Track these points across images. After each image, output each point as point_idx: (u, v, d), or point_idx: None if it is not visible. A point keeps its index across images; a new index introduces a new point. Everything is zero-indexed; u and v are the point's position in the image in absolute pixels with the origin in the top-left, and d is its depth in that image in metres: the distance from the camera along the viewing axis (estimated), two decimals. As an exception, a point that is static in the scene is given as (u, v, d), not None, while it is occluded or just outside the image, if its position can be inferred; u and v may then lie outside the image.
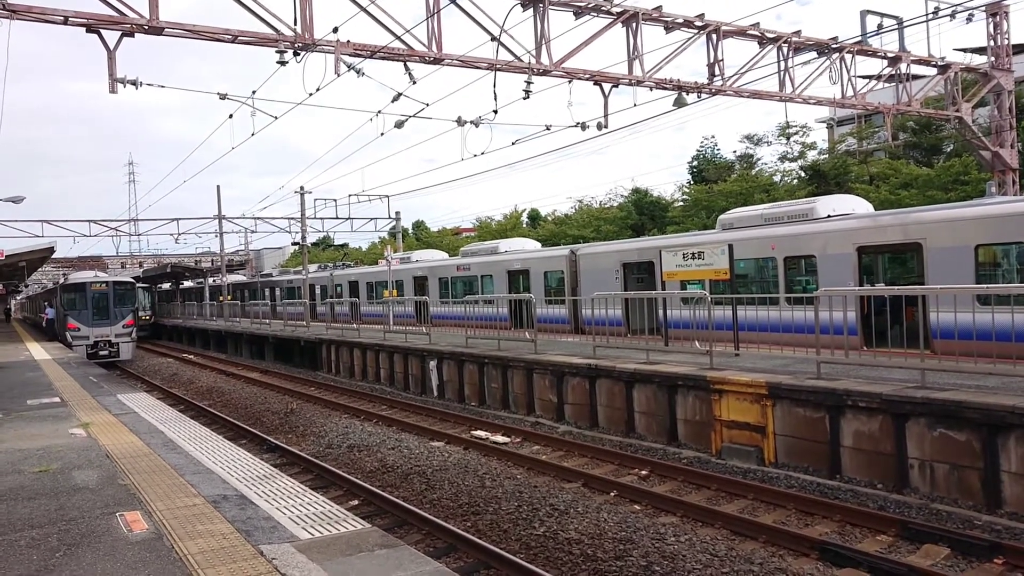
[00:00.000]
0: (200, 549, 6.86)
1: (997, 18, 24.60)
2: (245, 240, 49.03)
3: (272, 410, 21.39)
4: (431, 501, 12.17)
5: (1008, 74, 24.98)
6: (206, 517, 7.90)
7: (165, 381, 30.08)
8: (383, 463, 14.49)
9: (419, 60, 16.98)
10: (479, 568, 9.27)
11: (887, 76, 23.92)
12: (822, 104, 23.31)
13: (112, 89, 14.83)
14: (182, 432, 13.25)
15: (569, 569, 9.11)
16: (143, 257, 62.23)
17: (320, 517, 7.90)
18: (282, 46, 15.40)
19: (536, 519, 10.71)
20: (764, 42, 21.05)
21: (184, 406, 22.59)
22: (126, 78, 15.10)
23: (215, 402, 24.22)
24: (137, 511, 8.14)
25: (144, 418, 14.70)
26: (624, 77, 19.29)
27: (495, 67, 17.74)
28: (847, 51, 22.18)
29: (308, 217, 44.06)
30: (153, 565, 6.52)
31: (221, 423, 19.96)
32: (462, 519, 11.19)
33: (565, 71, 18.56)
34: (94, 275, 39.14)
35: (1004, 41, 24.82)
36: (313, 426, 18.54)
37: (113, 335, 34.90)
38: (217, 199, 46.12)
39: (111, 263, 59.83)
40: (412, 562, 6.58)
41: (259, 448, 16.64)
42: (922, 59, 24.28)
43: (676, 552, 9.10)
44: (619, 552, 9.31)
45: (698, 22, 19.83)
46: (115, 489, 9.16)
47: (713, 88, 20.29)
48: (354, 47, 16.18)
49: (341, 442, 16.45)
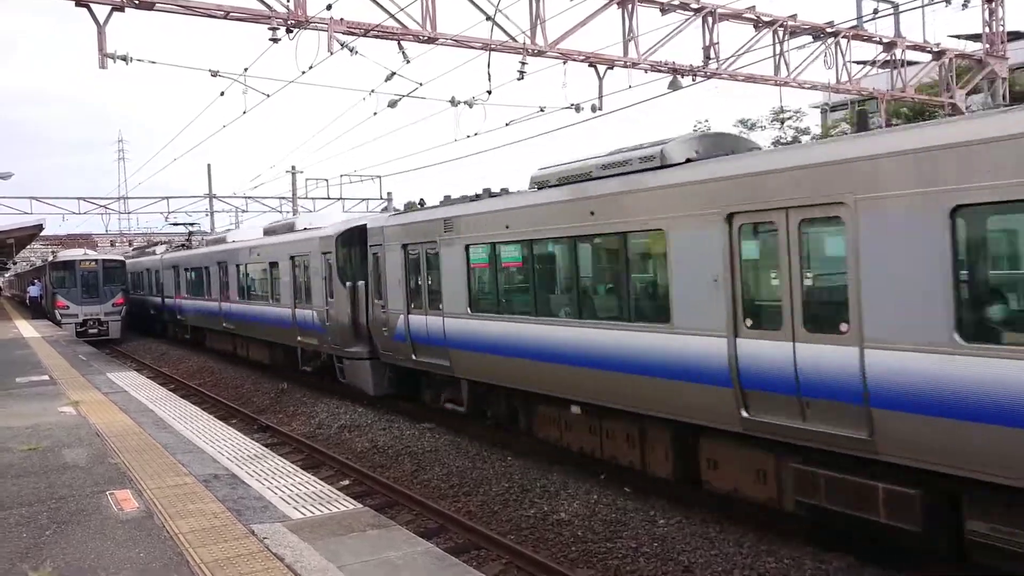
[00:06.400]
0: (191, 528, 6.86)
1: (992, 5, 24.52)
2: (236, 219, 48.73)
3: (263, 390, 21.36)
4: (422, 482, 12.20)
5: (1003, 61, 24.95)
6: (197, 496, 7.89)
7: (155, 360, 29.99)
8: (374, 444, 14.50)
9: (413, 39, 16.81)
10: (469, 549, 9.31)
11: (882, 62, 23.86)
12: (817, 89, 23.22)
13: (102, 64, 14.64)
14: (172, 411, 13.23)
15: (559, 550, 9.16)
16: (133, 235, 61.77)
17: (311, 497, 7.91)
18: (274, 23, 15.22)
19: (527, 500, 10.75)
20: (760, 26, 20.94)
21: (175, 385, 22.53)
22: (116, 53, 14.91)
23: (205, 381, 24.16)
24: (127, 490, 8.13)
25: (134, 397, 14.67)
26: (619, 59, 19.16)
27: (490, 47, 17.59)
28: (842, 36, 22.09)
29: (300, 197, 43.89)
30: (144, 544, 6.52)
31: (212, 402, 19.91)
32: (453, 500, 11.23)
33: (560, 52, 18.42)
34: (83, 253, 38.85)
35: (999, 28, 24.76)
36: (304, 406, 18.53)
37: (103, 313, 34.70)
38: (208, 178, 45.80)
39: (100, 241, 59.36)
40: (403, 542, 6.59)
41: (250, 428, 16.63)
42: (917, 45, 24.21)
43: (665, 534, 9.16)
44: (609, 534, 9.36)
45: (694, 4, 19.70)
46: (105, 467, 9.14)
47: (708, 71, 20.18)
48: (347, 25, 16.01)
49: (332, 422, 16.44)
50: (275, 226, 24.23)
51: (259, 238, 23.94)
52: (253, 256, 23.74)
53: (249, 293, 24.61)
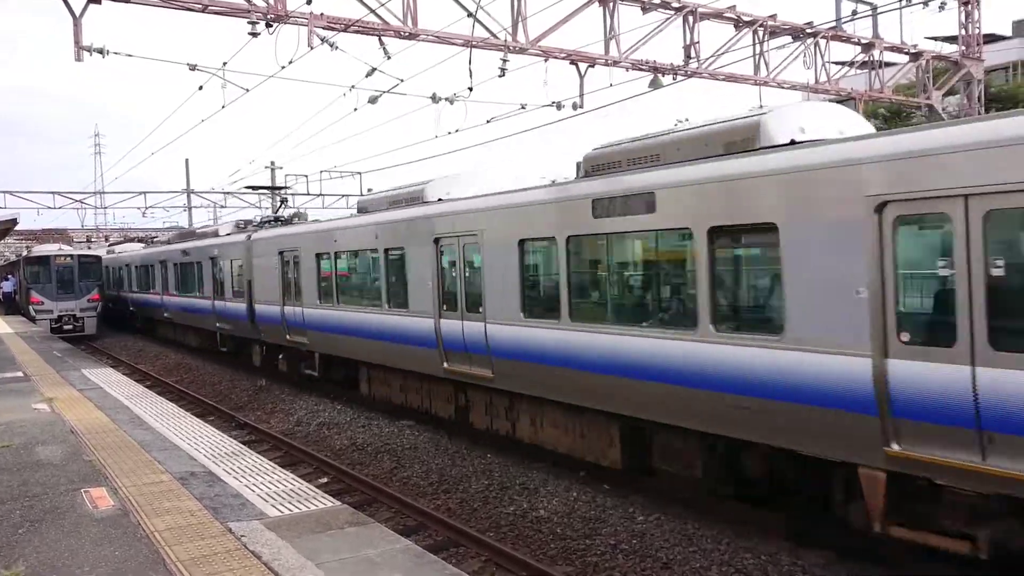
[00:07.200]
0: (167, 526, 6.80)
1: (969, 7, 24.81)
2: (214, 215, 48.31)
3: (241, 387, 21.21)
4: (401, 479, 12.17)
5: (978, 63, 25.26)
6: (173, 494, 7.82)
7: (131, 356, 29.69)
8: (353, 441, 14.45)
9: (394, 35, 16.75)
10: (448, 546, 9.30)
11: (860, 63, 24.09)
12: (796, 89, 23.40)
13: (78, 57, 14.46)
14: (149, 408, 13.11)
15: (538, 547, 9.17)
16: (109, 231, 61.05)
17: (289, 495, 7.87)
18: (254, 17, 15.10)
19: (506, 498, 10.75)
20: (740, 25, 21.06)
21: (151, 382, 22.31)
22: (92, 46, 14.74)
23: (183, 378, 23.95)
24: (103, 487, 8.04)
25: (110, 393, 14.52)
26: (600, 57, 19.20)
27: (471, 44, 17.56)
28: (821, 36, 22.27)
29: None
30: (119, 542, 6.45)
31: (189, 399, 19.75)
32: (432, 498, 11.21)
33: (541, 50, 18.43)
34: (58, 248, 38.35)
35: (975, 30, 25.06)
36: (282, 403, 18.43)
37: (78, 309, 34.29)
38: (186, 173, 45.36)
39: (76, 236, 58.61)
40: (382, 540, 6.57)
41: (228, 425, 16.51)
42: (895, 46, 24.46)
43: (644, 531, 9.19)
44: (588, 531, 9.38)
45: (675, 3, 19.77)
46: (80, 465, 9.04)
47: (689, 70, 20.28)
48: (328, 20, 15.92)
49: (311, 420, 16.36)
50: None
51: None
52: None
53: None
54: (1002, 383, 6.29)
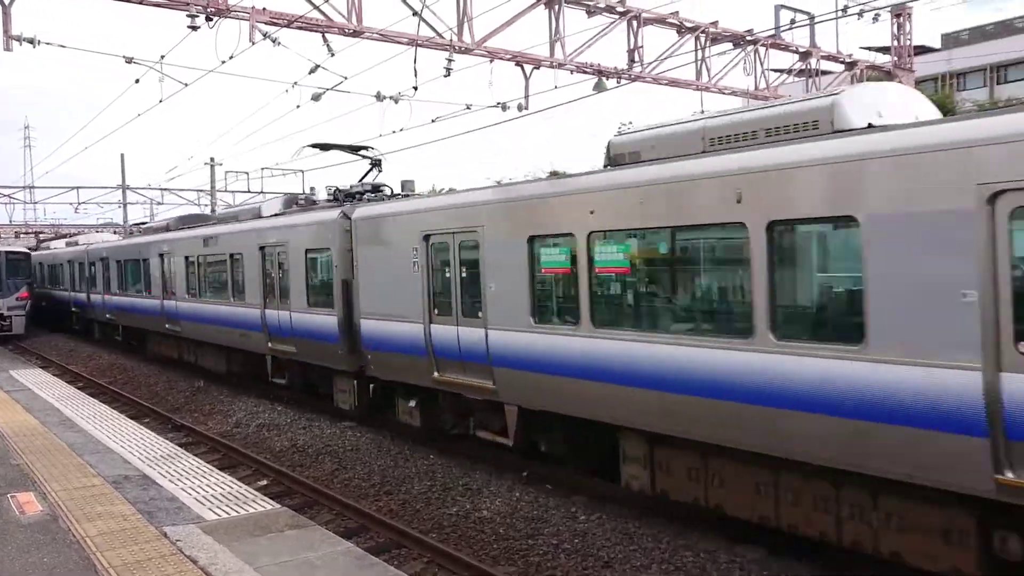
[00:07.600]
0: (99, 531, 6.62)
1: (901, 19, 25.70)
2: (151, 212, 47.13)
3: (178, 388, 20.73)
4: (343, 481, 12.04)
5: (909, 73, 26.16)
6: (105, 498, 7.62)
7: (62, 357, 28.74)
8: (294, 443, 14.25)
9: (338, 32, 16.59)
10: (390, 548, 9.24)
11: (798, 70, 24.73)
12: (736, 95, 23.89)
13: (7, 47, 13.99)
14: (81, 410, 12.73)
15: (481, 547, 9.17)
16: (39, 227, 59.02)
17: (227, 498, 7.73)
18: (193, 10, 14.79)
19: (449, 498, 10.73)
20: (683, 31, 21.42)
21: (83, 383, 21.62)
22: (22, 35, 14.26)
23: (116, 379, 23.27)
24: (31, 492, 7.80)
25: (39, 395, 14.07)
26: (545, 59, 19.33)
27: (416, 43, 17.50)
28: (761, 44, 22.80)
29: (218, 190, 42.76)
30: (47, 548, 6.26)
31: (123, 401, 19.20)
32: (374, 499, 11.12)
33: (487, 50, 18.46)
34: None
35: (907, 42, 25.97)
36: (221, 405, 18.06)
37: (5, 308, 33.08)
38: (121, 168, 44.11)
39: (4, 232, 56.55)
40: (323, 542, 6.51)
41: (164, 427, 16.10)
42: (831, 55, 25.19)
43: (586, 530, 9.27)
44: (531, 531, 9.42)
45: (619, 8, 20.01)
46: (7, 469, 8.74)
47: (632, 74, 20.55)
48: (270, 15, 15.70)
49: (250, 421, 16.08)
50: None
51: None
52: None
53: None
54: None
